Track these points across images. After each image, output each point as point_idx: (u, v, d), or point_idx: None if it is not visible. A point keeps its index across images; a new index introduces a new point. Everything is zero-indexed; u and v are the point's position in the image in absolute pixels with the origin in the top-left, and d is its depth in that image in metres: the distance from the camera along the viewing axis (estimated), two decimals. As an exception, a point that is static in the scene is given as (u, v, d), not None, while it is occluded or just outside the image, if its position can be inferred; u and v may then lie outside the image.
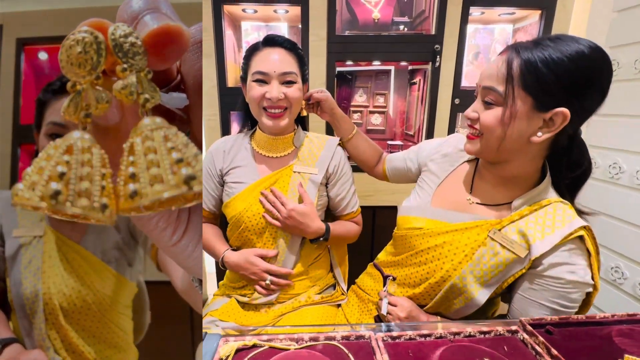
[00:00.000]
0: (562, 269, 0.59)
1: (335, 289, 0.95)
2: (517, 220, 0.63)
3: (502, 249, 0.62)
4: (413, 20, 1.49)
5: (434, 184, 0.77)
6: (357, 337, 0.52)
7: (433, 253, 0.69)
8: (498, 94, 0.58)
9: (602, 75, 0.56)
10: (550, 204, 0.63)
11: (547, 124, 0.58)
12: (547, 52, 0.55)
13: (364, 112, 1.65)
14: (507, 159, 0.64)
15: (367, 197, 1.50)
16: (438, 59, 1.35)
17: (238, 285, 0.89)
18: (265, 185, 0.84)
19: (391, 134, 1.68)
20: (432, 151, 0.82)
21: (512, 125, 0.58)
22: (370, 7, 1.44)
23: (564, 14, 1.35)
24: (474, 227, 0.66)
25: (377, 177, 1.01)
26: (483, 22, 1.50)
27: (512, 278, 0.63)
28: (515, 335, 0.56)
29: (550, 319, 0.58)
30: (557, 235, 0.59)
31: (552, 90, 0.55)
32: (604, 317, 0.59)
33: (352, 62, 1.48)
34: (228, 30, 1.42)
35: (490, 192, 0.69)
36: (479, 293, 0.65)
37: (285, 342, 0.51)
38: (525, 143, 0.60)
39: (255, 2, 1.34)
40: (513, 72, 0.57)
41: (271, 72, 0.78)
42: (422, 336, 0.53)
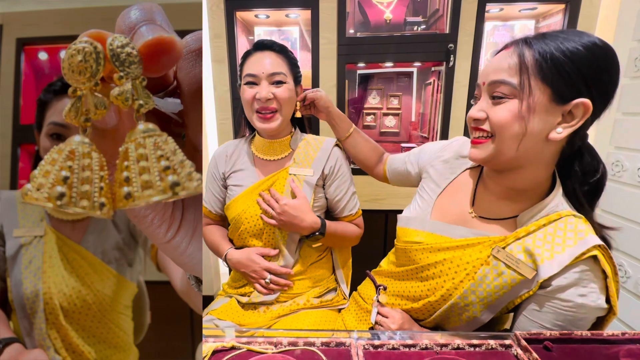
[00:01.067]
0: (571, 292, 0.53)
1: (336, 292, 0.94)
2: (523, 237, 0.57)
3: (507, 269, 0.57)
4: (427, 20, 1.45)
5: (434, 193, 0.72)
6: (337, 344, 0.51)
7: (433, 270, 0.65)
8: (511, 86, 0.53)
9: (615, 67, 0.52)
10: (561, 217, 0.56)
11: (566, 118, 0.52)
12: (559, 42, 0.51)
13: (378, 114, 1.63)
14: (521, 165, 0.57)
15: (379, 201, 1.47)
16: (452, 59, 1.30)
17: (239, 284, 0.91)
18: (263, 187, 0.86)
19: (406, 136, 1.65)
20: (433, 156, 0.77)
21: (532, 119, 0.52)
22: (382, 7, 1.42)
23: (591, 8, 1.26)
24: (476, 244, 0.61)
25: (378, 178, 0.97)
26: (502, 18, 1.44)
27: (519, 300, 0.58)
28: (508, 350, 0.52)
29: (550, 334, 0.54)
30: (567, 255, 0.53)
31: (572, 79, 0.50)
32: (612, 334, 0.54)
33: (364, 63, 1.47)
34: (241, 36, 1.46)
35: (494, 205, 0.63)
36: (482, 313, 0.61)
37: (264, 345, 0.51)
38: (543, 142, 0.54)
39: (267, 8, 1.36)
40: (527, 61, 0.52)
41: (260, 73, 0.80)
42: (406, 346, 0.51)
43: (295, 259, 0.88)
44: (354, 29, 1.47)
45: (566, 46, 0.50)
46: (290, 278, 0.87)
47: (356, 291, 0.91)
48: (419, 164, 0.81)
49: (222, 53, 1.38)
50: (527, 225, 0.58)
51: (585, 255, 0.52)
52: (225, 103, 1.43)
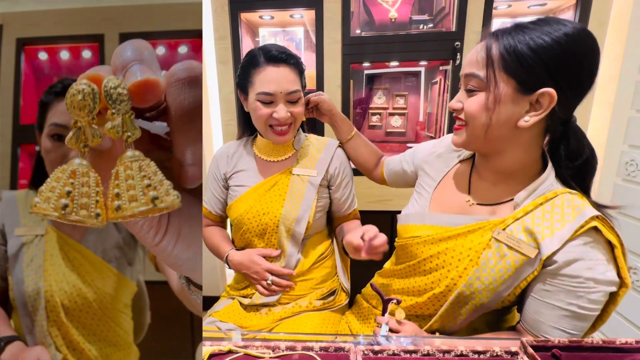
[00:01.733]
0: (578, 266, 0.54)
1: (338, 293, 0.93)
2: (521, 217, 0.58)
3: (510, 250, 0.57)
4: (433, 18, 1.43)
5: (430, 187, 0.74)
6: (336, 349, 0.50)
7: (436, 261, 0.65)
8: (479, 79, 0.57)
9: (590, 56, 0.54)
10: (557, 195, 0.57)
11: (534, 106, 0.55)
12: (527, 34, 0.54)
13: (384, 114, 1.61)
14: (498, 150, 0.61)
15: (385, 202, 1.45)
16: (459, 57, 1.28)
17: (241, 286, 0.90)
18: (266, 187, 0.85)
19: (413, 136, 1.63)
20: (427, 153, 0.80)
21: (497, 110, 0.56)
22: (388, 6, 1.40)
23: (604, 3, 1.22)
24: (477, 230, 0.62)
25: (376, 180, 0.99)
26: (511, 15, 1.40)
27: (525, 282, 0.58)
28: (515, 358, 0.50)
29: (559, 341, 0.51)
30: (567, 230, 0.54)
31: (535, 70, 0.53)
32: (626, 342, 0.51)
33: (369, 63, 1.46)
34: (246, 37, 1.46)
35: (490, 191, 0.65)
36: (489, 300, 0.60)
37: (262, 349, 0.50)
38: (513, 129, 0.57)
39: (271, 8, 1.36)
40: (492, 55, 0.55)
41: (277, 92, 0.77)
42: (407, 352, 0.50)
43: (297, 259, 0.87)
44: (359, 28, 1.46)
45: (533, 38, 0.53)
46: (292, 279, 0.86)
47: (360, 294, 0.90)
48: (414, 162, 0.83)
49: (227, 54, 1.38)
50: (524, 205, 0.59)
51: (584, 228, 0.53)
52: (230, 104, 1.43)
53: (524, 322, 0.62)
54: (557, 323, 0.57)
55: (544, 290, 0.57)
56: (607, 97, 1.33)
